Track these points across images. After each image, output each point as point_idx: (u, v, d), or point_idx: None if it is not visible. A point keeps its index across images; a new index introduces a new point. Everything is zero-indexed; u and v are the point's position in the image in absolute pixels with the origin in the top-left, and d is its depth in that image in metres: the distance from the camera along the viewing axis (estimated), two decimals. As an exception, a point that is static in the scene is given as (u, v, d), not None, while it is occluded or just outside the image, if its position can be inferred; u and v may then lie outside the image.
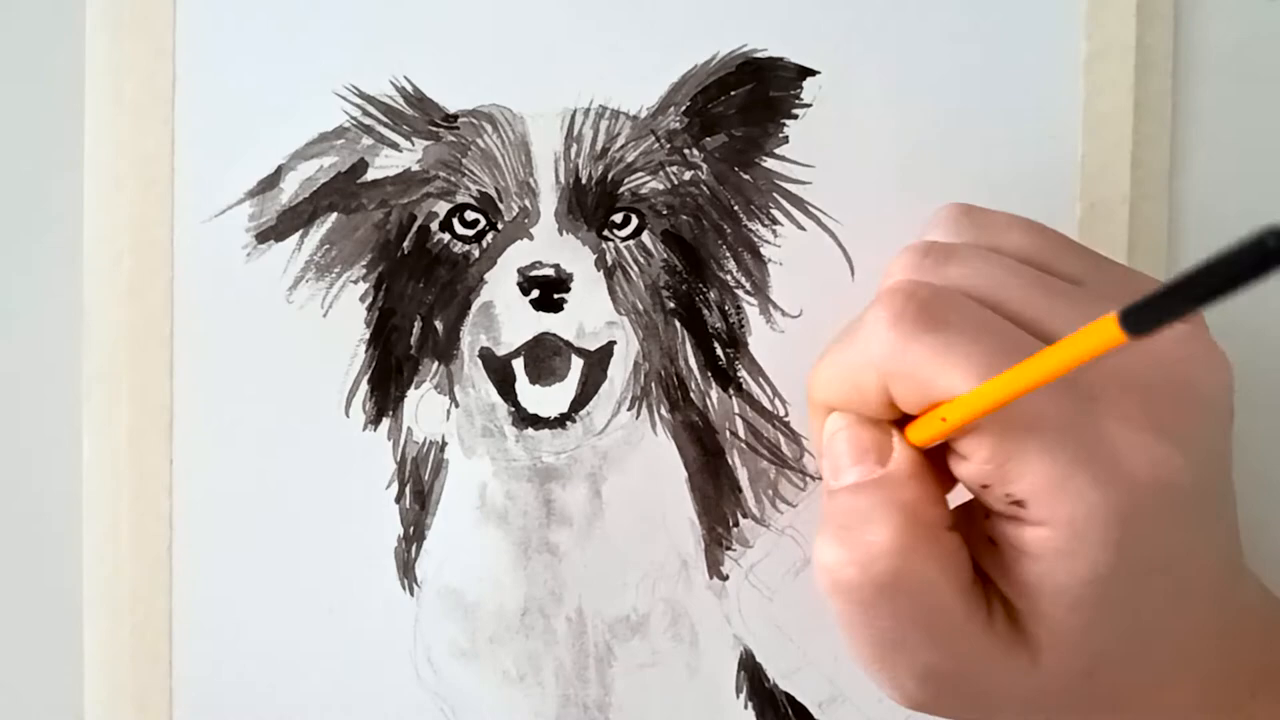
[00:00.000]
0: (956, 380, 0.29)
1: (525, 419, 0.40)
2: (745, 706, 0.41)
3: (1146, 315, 0.24)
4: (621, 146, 0.40)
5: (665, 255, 0.40)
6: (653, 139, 0.40)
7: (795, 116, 0.40)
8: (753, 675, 0.41)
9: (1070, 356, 0.27)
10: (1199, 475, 0.30)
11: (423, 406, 0.40)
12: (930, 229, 0.34)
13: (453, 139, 0.40)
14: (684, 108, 0.40)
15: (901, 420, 0.32)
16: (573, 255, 0.40)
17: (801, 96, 0.40)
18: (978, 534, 0.31)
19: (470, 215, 0.40)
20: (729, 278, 0.40)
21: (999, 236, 0.33)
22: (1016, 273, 0.32)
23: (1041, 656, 0.31)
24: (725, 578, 0.41)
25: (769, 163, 0.40)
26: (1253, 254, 0.22)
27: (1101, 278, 0.33)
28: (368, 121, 0.40)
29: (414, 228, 0.40)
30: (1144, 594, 0.30)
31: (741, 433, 0.40)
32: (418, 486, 0.40)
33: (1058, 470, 0.29)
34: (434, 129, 0.40)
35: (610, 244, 0.40)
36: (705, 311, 0.40)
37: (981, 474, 0.30)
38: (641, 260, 0.40)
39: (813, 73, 0.40)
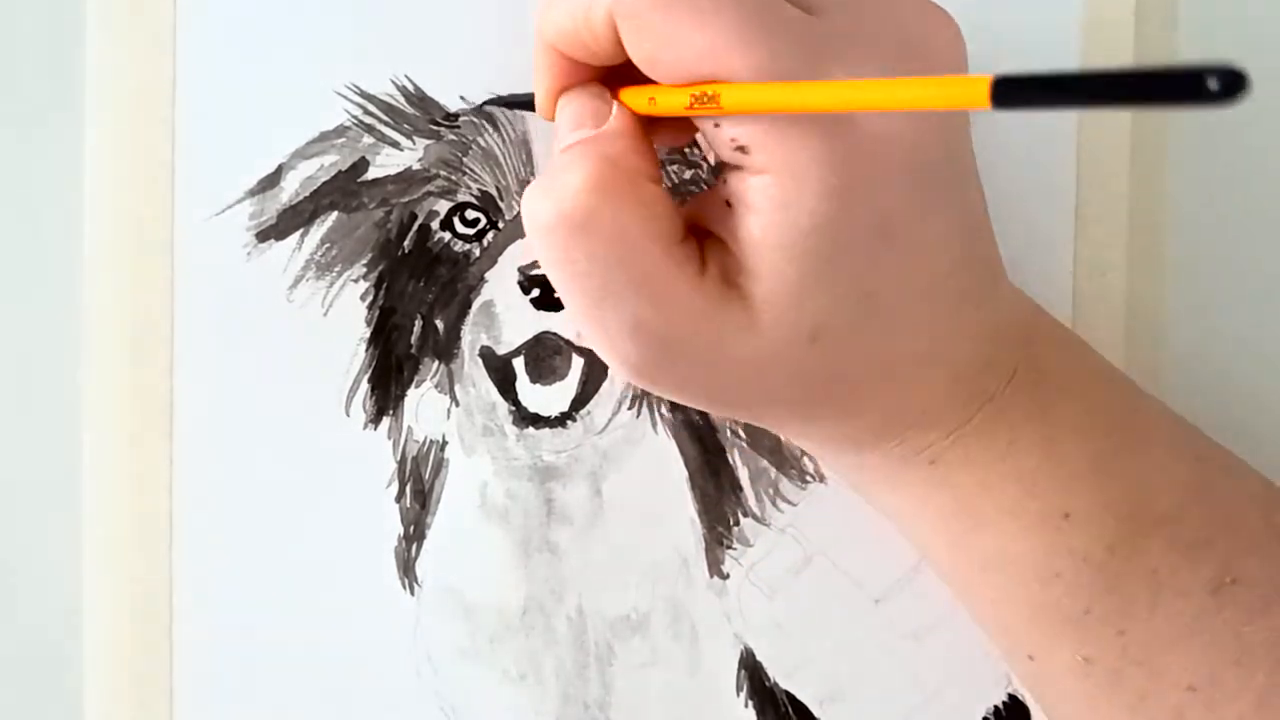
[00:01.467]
0: (689, 33, 0.29)
1: (526, 418, 0.40)
2: (746, 705, 0.41)
3: (1026, 91, 0.23)
4: (622, 145, 0.40)
5: (666, 254, 0.40)
6: (653, 138, 0.40)
7: (796, 115, 0.40)
8: (753, 674, 0.41)
9: (903, 97, 0.26)
10: (927, 137, 0.30)
11: (423, 405, 0.40)
12: None
13: (454, 138, 0.40)
14: (684, 107, 0.40)
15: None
16: (573, 254, 0.40)
17: (802, 95, 0.40)
18: (717, 199, 0.32)
19: (471, 214, 0.40)
20: (729, 277, 0.40)
21: None
22: None
23: (761, 315, 0.31)
24: (726, 576, 0.41)
25: (769, 162, 0.40)
26: (1185, 82, 0.20)
27: None
28: (369, 120, 0.40)
29: (415, 226, 0.40)
30: (866, 257, 0.30)
31: (742, 431, 0.40)
32: (418, 485, 0.40)
33: (781, 115, 0.29)
34: (435, 128, 0.40)
35: (611, 243, 0.40)
36: (706, 310, 0.40)
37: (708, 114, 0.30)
38: (642, 259, 0.40)
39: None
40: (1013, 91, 0.23)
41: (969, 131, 0.33)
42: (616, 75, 0.33)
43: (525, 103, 0.37)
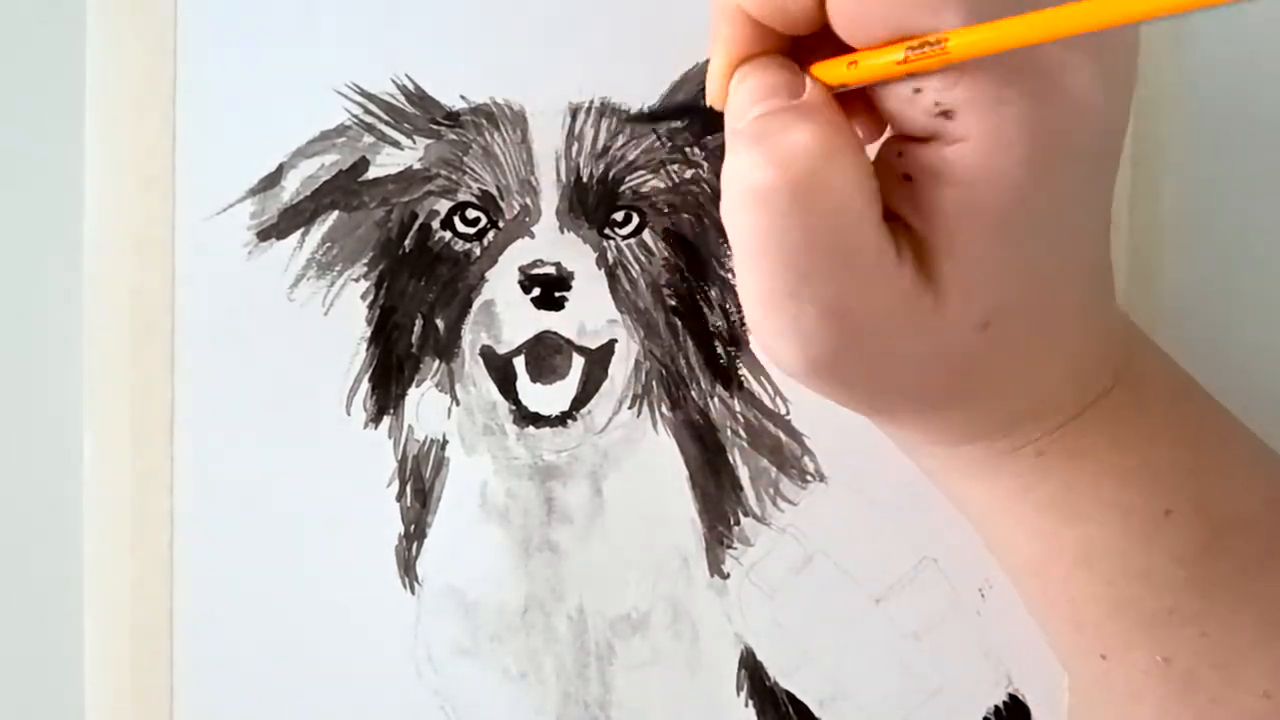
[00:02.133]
0: (939, 10, 0.27)
1: (526, 417, 0.40)
2: (746, 705, 0.41)
3: None
4: (623, 145, 0.40)
5: (666, 254, 0.40)
6: (654, 137, 0.40)
7: (796, 115, 0.40)
8: (753, 673, 0.41)
9: (1119, 12, 0.24)
10: (1116, 114, 0.30)
11: (424, 405, 0.40)
12: None
13: (454, 137, 0.40)
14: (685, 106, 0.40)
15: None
16: (574, 253, 0.40)
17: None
18: (891, 176, 0.30)
19: (471, 213, 0.40)
20: (730, 276, 0.40)
21: None
22: None
23: (946, 298, 0.30)
24: (726, 576, 0.41)
25: (770, 161, 0.40)
26: None
27: None
28: (369, 119, 0.40)
29: (415, 226, 0.40)
30: (1048, 238, 0.30)
31: (742, 431, 0.41)
32: (419, 485, 0.40)
33: (994, 77, 0.27)
34: (435, 127, 0.40)
35: (611, 242, 0.40)
36: (706, 310, 0.40)
37: (915, 77, 0.28)
38: (642, 259, 0.40)
39: (814, 71, 0.40)
40: None
41: (1126, 133, 0.32)
42: (797, 50, 0.31)
43: (679, 109, 0.37)
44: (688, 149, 0.40)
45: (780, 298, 0.29)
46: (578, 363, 0.40)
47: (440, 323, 0.40)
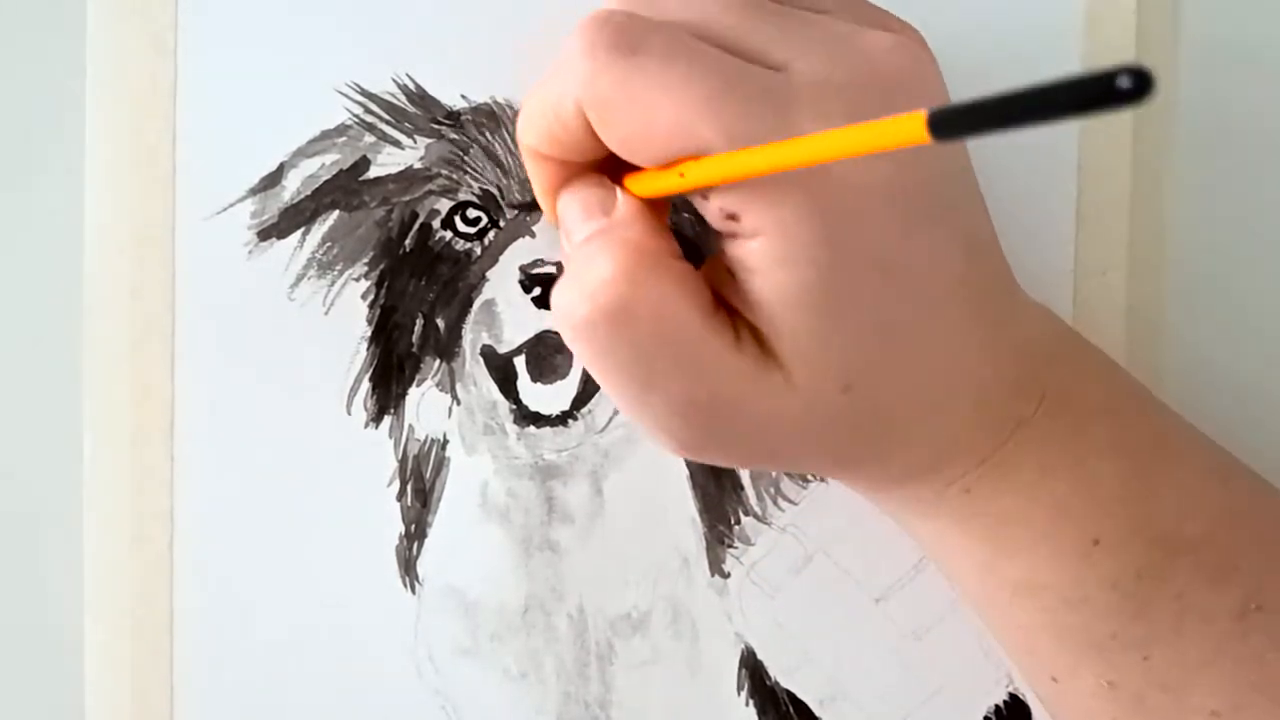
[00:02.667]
0: (657, 112, 0.29)
1: (527, 416, 0.40)
2: (746, 704, 0.41)
3: (959, 121, 0.23)
4: (623, 144, 0.40)
5: (667, 253, 0.40)
6: (655, 137, 0.40)
7: (797, 115, 0.40)
8: (754, 673, 0.41)
9: (856, 143, 0.26)
10: (913, 174, 0.31)
11: (424, 404, 0.40)
12: None
13: (455, 136, 0.40)
14: (686, 106, 0.40)
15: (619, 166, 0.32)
16: (574, 253, 0.40)
17: (803, 95, 0.40)
18: (719, 268, 0.32)
19: (472, 213, 0.40)
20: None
21: None
22: (729, 5, 0.31)
23: (793, 372, 0.31)
24: (727, 575, 0.41)
25: (771, 161, 0.40)
26: (1099, 86, 0.20)
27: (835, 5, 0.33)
28: (370, 119, 0.40)
29: (416, 225, 0.40)
30: (876, 295, 0.31)
31: (743, 430, 0.40)
32: (419, 484, 0.40)
33: (762, 177, 0.29)
34: (436, 126, 0.40)
35: (612, 242, 0.40)
36: (707, 309, 0.40)
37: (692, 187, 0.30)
38: (643, 258, 0.40)
39: (814, 71, 0.40)
40: (948, 123, 0.23)
41: (962, 149, 0.33)
42: (611, 162, 0.33)
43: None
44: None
45: (632, 402, 0.32)
46: (578, 362, 0.40)
47: (441, 322, 0.40)
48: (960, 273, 0.32)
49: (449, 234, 0.40)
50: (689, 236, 0.40)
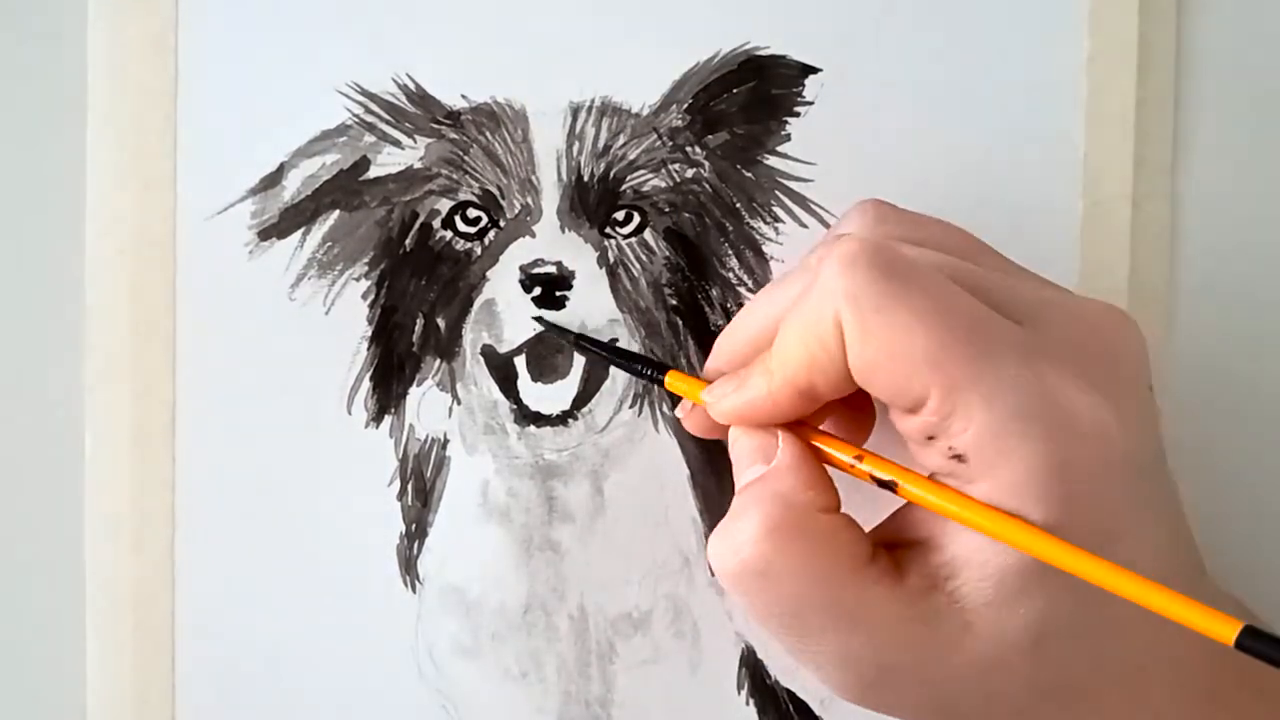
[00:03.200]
0: (913, 338, 0.29)
1: (527, 416, 0.40)
2: (747, 703, 0.41)
3: (1268, 644, 0.26)
4: (624, 144, 0.40)
5: (667, 253, 0.40)
6: (655, 136, 0.40)
7: (797, 114, 0.40)
8: (754, 672, 0.41)
9: (1162, 604, 0.28)
10: (1135, 439, 0.31)
11: (425, 404, 0.40)
12: (847, 222, 0.35)
13: (455, 136, 0.40)
14: (686, 105, 0.40)
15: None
16: (575, 253, 0.40)
17: (803, 94, 0.40)
18: (906, 508, 0.32)
19: (472, 213, 0.40)
20: (731, 275, 0.40)
21: (922, 230, 0.34)
22: (977, 253, 0.33)
23: (976, 620, 0.30)
24: (727, 575, 0.41)
25: (771, 160, 0.40)
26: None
27: (1017, 268, 0.34)
28: (370, 119, 0.40)
29: (416, 225, 0.40)
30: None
31: (743, 430, 0.40)
32: (419, 484, 0.40)
33: (999, 423, 0.29)
34: (436, 126, 0.40)
35: (612, 241, 0.40)
36: (707, 309, 0.40)
37: (925, 426, 0.30)
38: (644, 258, 0.40)
39: (815, 70, 0.40)
40: (1254, 643, 0.26)
41: (1160, 442, 0.33)
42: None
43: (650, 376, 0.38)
44: (689, 148, 0.40)
45: (792, 651, 0.32)
46: (579, 361, 0.40)
47: (441, 322, 0.40)
48: (1167, 545, 0.32)
49: (449, 234, 0.40)
50: (690, 238, 0.40)
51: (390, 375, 0.40)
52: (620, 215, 0.40)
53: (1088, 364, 0.30)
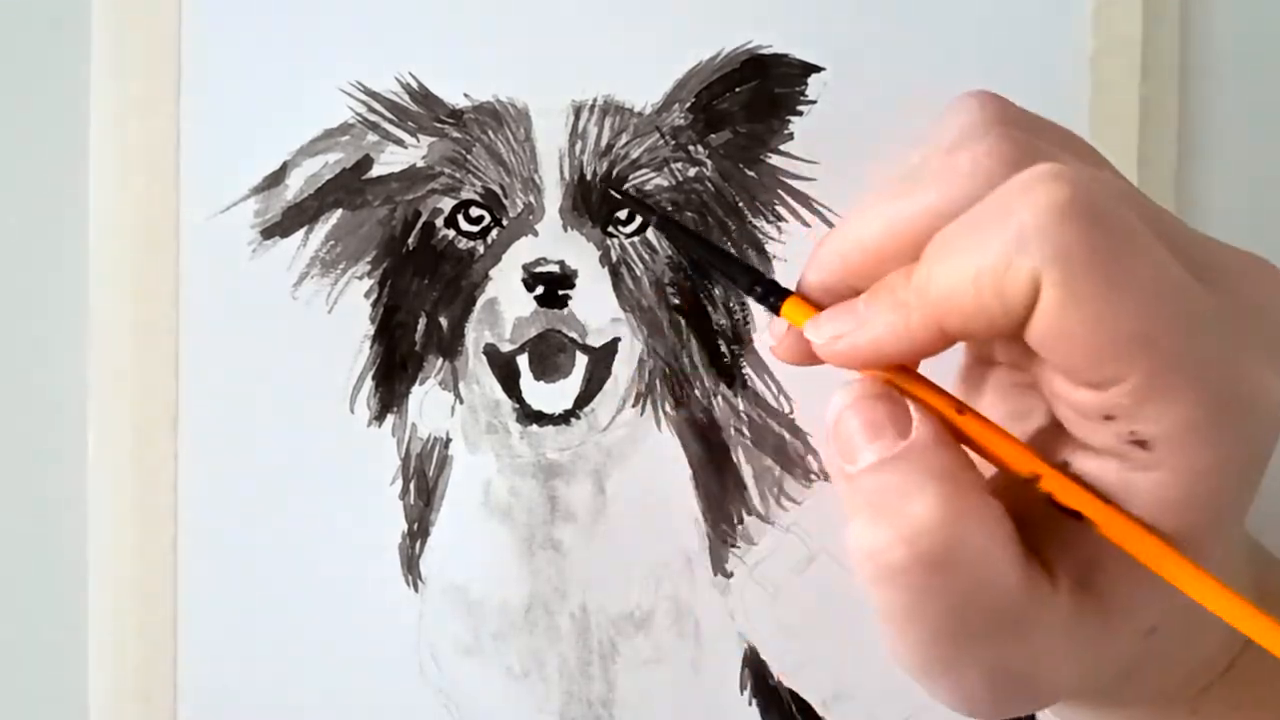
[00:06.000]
0: (1127, 307, 0.25)
1: (529, 415, 0.40)
2: (749, 704, 0.41)
3: None
4: (626, 143, 0.40)
5: (669, 252, 0.40)
6: (657, 135, 0.40)
7: (800, 113, 0.40)
8: (757, 672, 0.41)
9: None
10: None
11: (427, 403, 0.40)
12: (965, 116, 0.29)
13: (458, 135, 0.40)
14: (689, 104, 0.40)
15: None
16: (577, 252, 0.40)
17: (806, 93, 0.40)
18: (1021, 503, 0.27)
19: (475, 211, 0.40)
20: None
21: (1057, 141, 0.28)
22: (1129, 192, 0.27)
23: (1113, 616, 0.27)
24: (729, 575, 0.41)
25: (774, 159, 0.40)
26: None
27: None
28: (373, 118, 0.40)
29: (419, 224, 0.40)
30: (1217, 542, 0.27)
31: (746, 430, 0.40)
32: (422, 482, 0.40)
33: (1199, 412, 0.25)
34: (439, 125, 0.40)
35: (615, 240, 0.40)
36: (710, 308, 0.40)
37: (1108, 405, 0.25)
38: (646, 257, 0.40)
39: (817, 69, 0.40)
40: None
41: None
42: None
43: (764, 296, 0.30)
44: (691, 147, 0.40)
45: (935, 664, 0.27)
46: (581, 361, 0.40)
47: (444, 321, 0.40)
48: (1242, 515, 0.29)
49: (452, 232, 0.40)
50: (692, 234, 0.40)
51: (393, 374, 0.40)
52: (623, 214, 0.40)
53: (1269, 335, 0.27)
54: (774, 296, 0.29)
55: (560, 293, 0.40)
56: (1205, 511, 0.26)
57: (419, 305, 0.40)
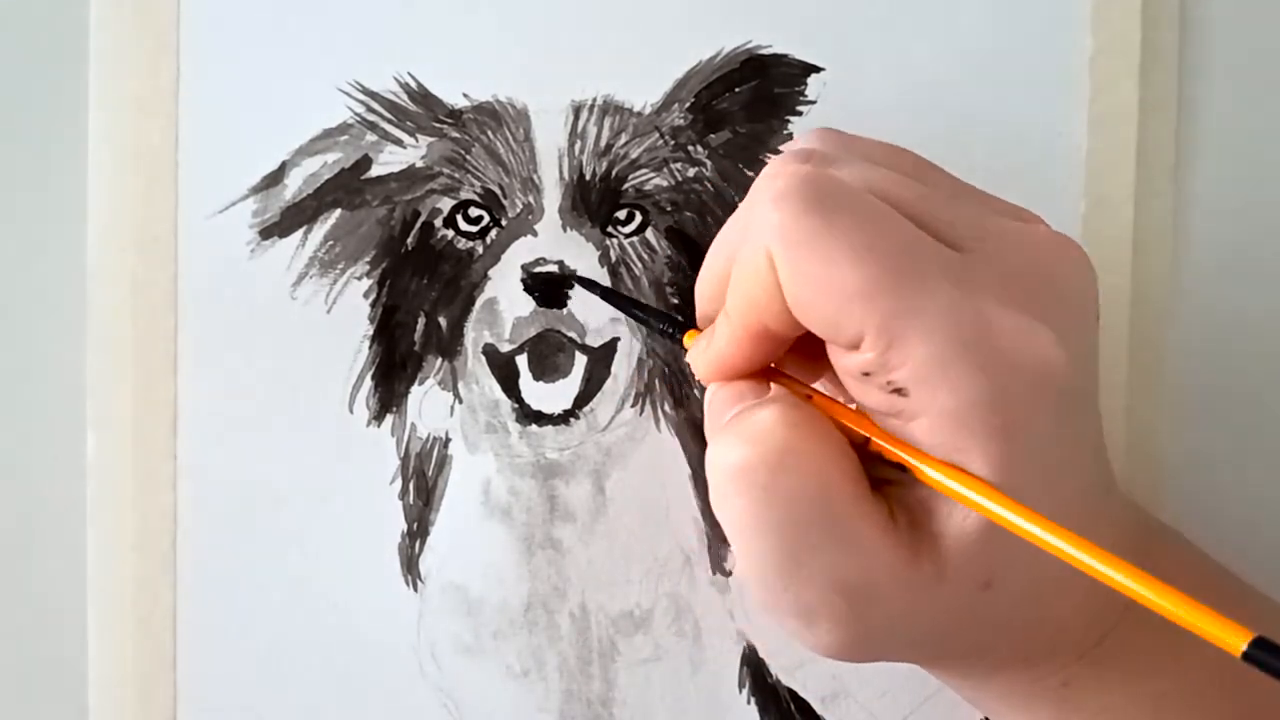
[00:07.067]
0: (842, 272, 0.28)
1: (529, 415, 0.40)
2: (748, 702, 0.41)
3: (1270, 657, 0.25)
4: (626, 143, 0.40)
5: (669, 252, 0.40)
6: (657, 135, 0.40)
7: (799, 113, 0.40)
8: (755, 671, 0.41)
9: (1166, 606, 0.26)
10: (1075, 369, 0.29)
11: (426, 402, 0.40)
12: (796, 147, 0.33)
13: (457, 135, 0.40)
14: (688, 104, 0.40)
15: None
16: (577, 252, 0.40)
17: (806, 93, 0.40)
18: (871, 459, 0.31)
19: (474, 211, 0.40)
20: (733, 274, 0.40)
21: (870, 151, 0.32)
22: (900, 179, 0.31)
23: (946, 565, 0.29)
24: (729, 573, 0.41)
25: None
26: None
27: (964, 187, 0.33)
28: (372, 118, 0.40)
29: (418, 224, 0.40)
30: (1032, 490, 0.29)
31: (745, 429, 0.40)
32: (421, 482, 0.40)
33: (938, 354, 0.28)
34: (438, 125, 0.40)
35: (614, 240, 0.40)
36: (709, 308, 0.40)
37: (862, 362, 0.29)
38: (645, 257, 0.40)
39: (817, 69, 0.40)
40: (1264, 654, 0.25)
41: (1097, 365, 0.32)
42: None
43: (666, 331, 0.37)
44: (690, 147, 0.40)
45: (776, 575, 0.30)
46: (580, 361, 0.40)
47: (443, 321, 0.40)
48: (1093, 473, 0.32)
49: (451, 232, 0.40)
50: (692, 237, 0.40)
51: (392, 374, 0.40)
52: (622, 214, 0.40)
53: (1030, 292, 0.29)
54: (677, 331, 0.35)
55: (559, 292, 0.40)
56: (987, 449, 0.28)
57: (418, 305, 0.40)
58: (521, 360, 0.40)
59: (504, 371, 0.40)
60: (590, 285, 0.39)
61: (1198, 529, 0.34)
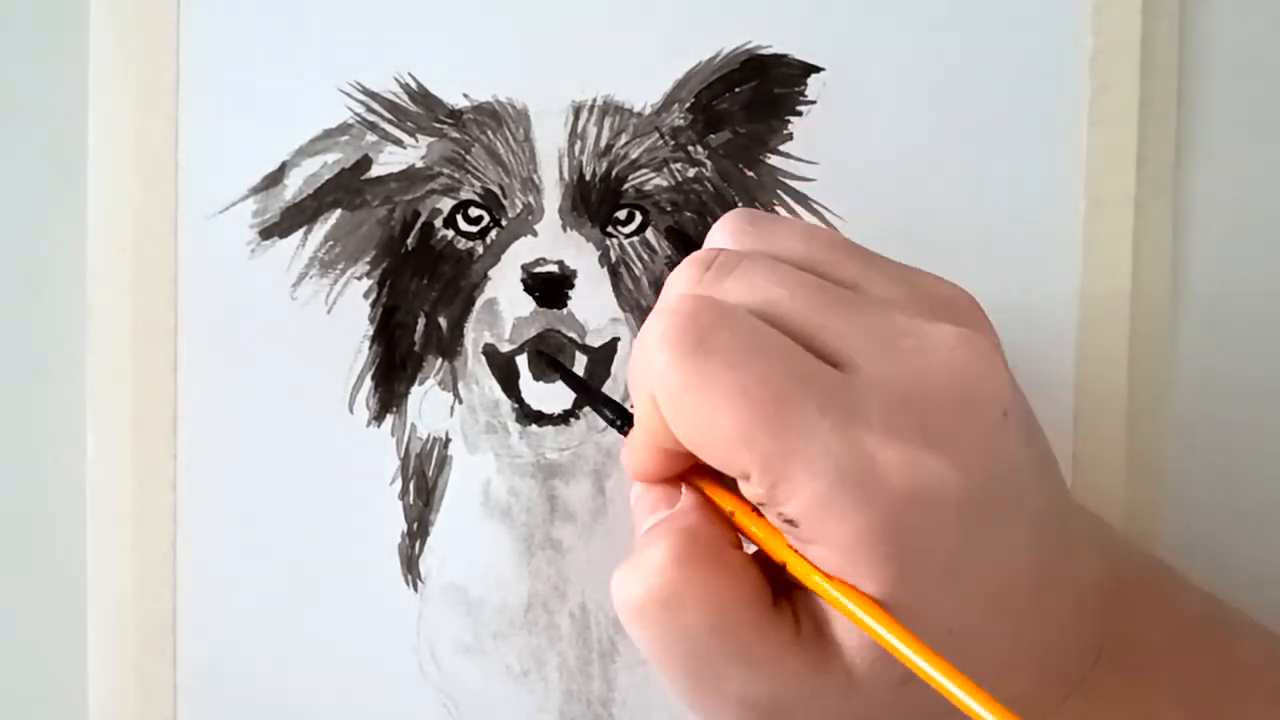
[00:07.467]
0: (720, 417, 0.29)
1: (529, 415, 0.40)
2: (748, 702, 0.41)
3: None
4: (626, 143, 0.40)
5: (669, 252, 0.40)
6: (657, 136, 0.40)
7: (799, 113, 0.40)
8: (756, 671, 0.41)
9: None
10: (975, 480, 0.29)
11: (426, 403, 0.40)
12: (712, 237, 0.33)
13: (457, 135, 0.40)
14: (688, 104, 0.40)
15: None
16: (576, 252, 0.40)
17: (806, 93, 0.40)
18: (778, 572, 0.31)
19: (474, 212, 0.40)
20: (733, 274, 0.40)
21: (779, 243, 0.32)
22: (796, 284, 0.31)
23: (856, 669, 0.30)
24: (728, 574, 0.41)
25: (773, 160, 0.40)
26: None
27: (875, 277, 0.32)
28: (372, 118, 0.40)
29: (418, 224, 0.40)
30: (940, 600, 0.29)
31: (745, 429, 0.40)
32: (421, 482, 0.40)
33: (822, 493, 0.28)
34: (438, 125, 0.40)
35: (614, 241, 0.40)
36: (709, 308, 0.40)
37: (755, 495, 0.29)
38: (645, 257, 0.40)
39: (817, 70, 0.40)
40: None
41: (1023, 455, 0.31)
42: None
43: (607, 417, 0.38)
44: (690, 147, 0.40)
45: (688, 694, 0.31)
46: (580, 361, 0.40)
47: (443, 321, 0.40)
48: (1025, 560, 0.31)
49: (451, 233, 0.40)
50: (692, 237, 0.40)
51: (392, 374, 0.40)
52: (622, 214, 0.40)
53: (920, 412, 0.29)
54: (624, 425, 0.36)
55: (559, 293, 0.40)
56: (879, 575, 0.28)
57: (418, 305, 0.40)
58: (521, 360, 0.40)
59: (504, 372, 0.40)
60: (556, 366, 0.39)
61: (1198, 538, 0.34)
